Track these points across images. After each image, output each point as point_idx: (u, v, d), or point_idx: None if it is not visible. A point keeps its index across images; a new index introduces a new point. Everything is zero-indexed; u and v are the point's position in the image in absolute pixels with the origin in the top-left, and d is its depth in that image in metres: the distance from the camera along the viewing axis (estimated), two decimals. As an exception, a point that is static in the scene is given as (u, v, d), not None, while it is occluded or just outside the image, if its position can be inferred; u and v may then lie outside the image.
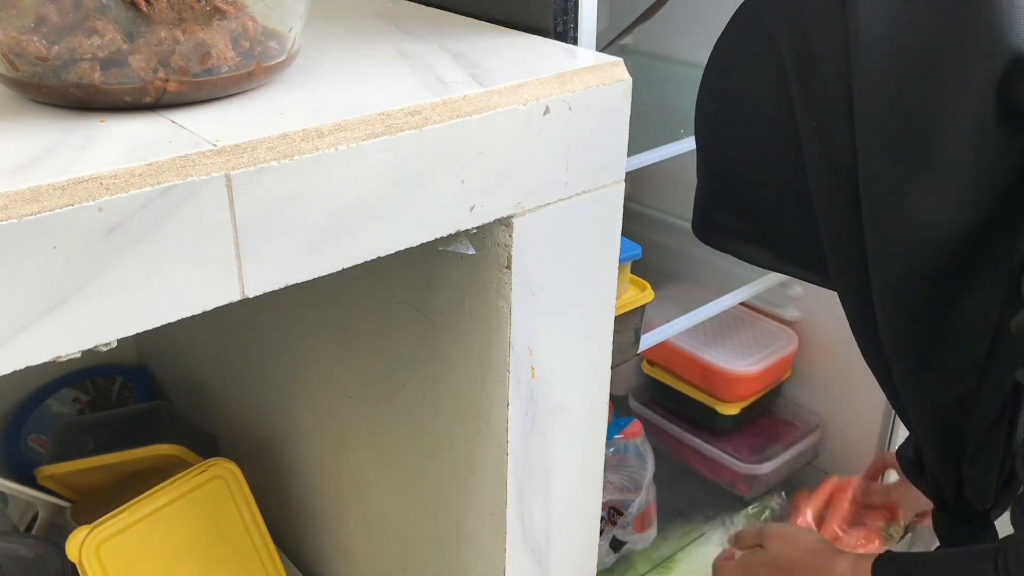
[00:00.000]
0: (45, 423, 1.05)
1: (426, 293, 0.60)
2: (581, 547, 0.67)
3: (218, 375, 0.97)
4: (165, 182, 0.38)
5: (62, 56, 0.41)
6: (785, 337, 1.21)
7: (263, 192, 0.41)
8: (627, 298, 0.93)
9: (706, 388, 1.20)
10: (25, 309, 0.36)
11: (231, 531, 0.81)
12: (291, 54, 0.48)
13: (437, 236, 0.48)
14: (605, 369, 0.61)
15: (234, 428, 0.97)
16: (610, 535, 1.06)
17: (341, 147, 0.42)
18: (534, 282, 0.54)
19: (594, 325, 0.59)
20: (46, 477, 0.90)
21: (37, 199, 0.35)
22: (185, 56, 0.42)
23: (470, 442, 0.60)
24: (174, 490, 0.78)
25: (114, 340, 0.39)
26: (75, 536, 0.72)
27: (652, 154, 0.91)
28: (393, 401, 0.67)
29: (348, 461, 0.77)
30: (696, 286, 1.16)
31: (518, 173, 0.50)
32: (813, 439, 1.24)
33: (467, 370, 0.58)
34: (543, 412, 0.58)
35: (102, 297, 0.38)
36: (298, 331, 0.77)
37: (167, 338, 1.04)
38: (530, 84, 0.49)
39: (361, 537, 0.81)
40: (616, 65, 0.53)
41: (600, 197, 0.55)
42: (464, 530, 0.65)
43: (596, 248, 0.56)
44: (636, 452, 1.06)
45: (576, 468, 0.63)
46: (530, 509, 0.61)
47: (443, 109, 0.46)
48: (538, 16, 0.57)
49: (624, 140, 0.54)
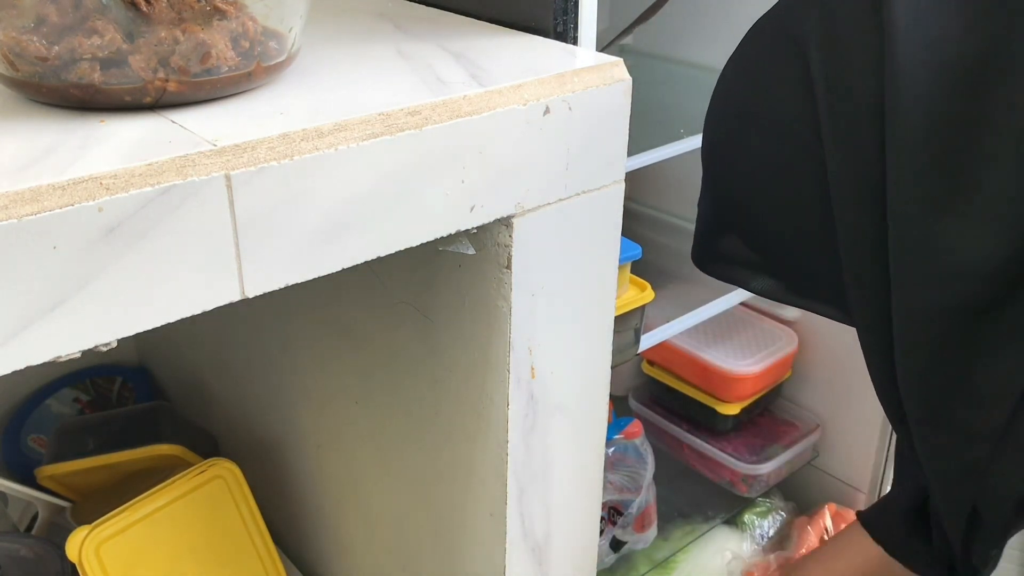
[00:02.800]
0: (45, 423, 1.05)
1: (426, 293, 0.60)
2: (581, 547, 0.67)
3: (218, 375, 0.97)
4: (165, 182, 0.38)
5: (62, 56, 0.41)
6: (785, 337, 1.21)
7: (263, 192, 0.41)
8: (627, 298, 0.93)
9: (706, 388, 1.20)
10: (25, 309, 0.36)
11: (231, 531, 0.81)
12: (291, 54, 0.48)
13: (437, 236, 0.48)
14: (605, 369, 0.61)
15: (234, 428, 0.97)
16: (610, 535, 1.06)
17: (341, 147, 0.42)
18: (534, 282, 0.54)
19: (594, 325, 0.59)
20: (46, 477, 0.90)
21: (37, 199, 0.35)
22: (185, 56, 0.42)
23: (470, 442, 0.60)
24: (174, 490, 0.78)
25: (114, 340, 0.39)
26: (75, 536, 0.72)
27: (652, 154, 0.91)
28: (393, 401, 0.67)
29: (348, 461, 0.77)
30: (696, 286, 1.16)
31: (518, 173, 0.50)
32: (813, 439, 1.24)
33: (467, 370, 0.58)
34: (543, 412, 0.58)
35: (102, 297, 0.38)
36: (298, 331, 0.77)
37: (167, 338, 1.04)
38: (530, 84, 0.49)
39: (361, 537, 0.81)
40: (616, 65, 0.53)
41: (600, 197, 0.55)
42: (464, 530, 0.65)
43: (596, 248, 0.56)
44: (636, 452, 1.06)
45: (576, 468, 0.63)
46: (530, 509, 0.61)
47: (443, 109, 0.46)
48: (538, 16, 0.57)
49: (624, 140, 0.54)
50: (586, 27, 0.57)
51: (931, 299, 0.57)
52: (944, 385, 0.60)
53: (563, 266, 0.55)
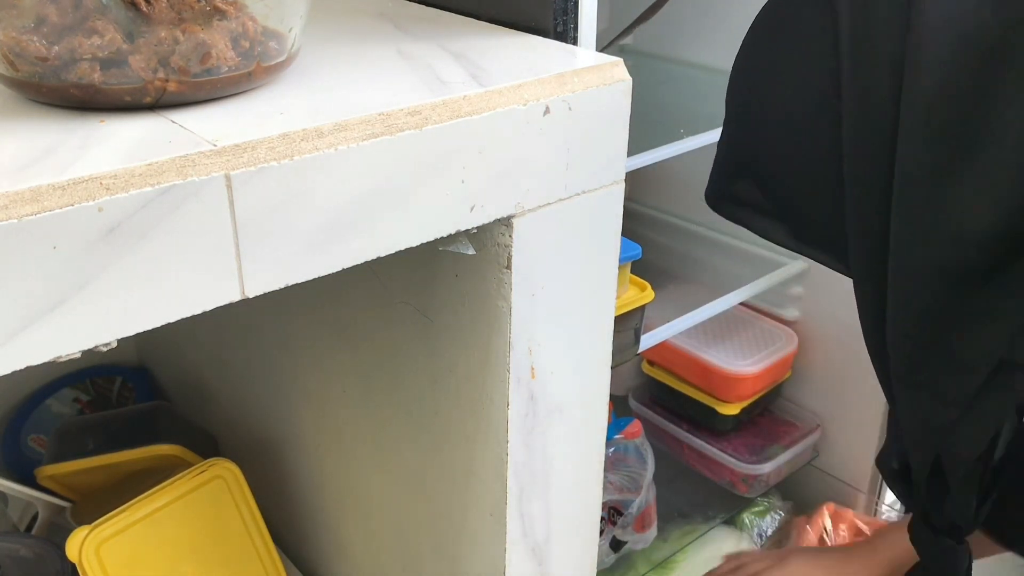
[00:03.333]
0: (45, 423, 1.05)
1: (426, 293, 0.60)
2: (581, 547, 0.67)
3: (218, 375, 0.97)
4: (165, 182, 0.38)
5: (62, 56, 0.41)
6: (785, 337, 1.21)
7: (263, 192, 0.41)
8: (627, 298, 0.93)
9: (706, 388, 1.20)
10: (25, 309, 0.36)
11: (231, 531, 0.81)
12: (291, 54, 0.48)
13: (437, 236, 0.48)
14: (605, 369, 0.61)
15: (234, 428, 0.97)
16: (610, 535, 1.06)
17: (341, 147, 0.42)
18: (534, 282, 0.54)
19: (594, 325, 0.59)
20: (46, 477, 0.90)
21: (37, 199, 0.35)
22: (185, 56, 0.42)
23: (470, 442, 0.60)
24: (174, 490, 0.78)
25: (114, 340, 0.39)
26: (75, 536, 0.72)
27: (652, 154, 0.91)
28: (393, 401, 0.67)
29: (348, 461, 0.77)
30: (696, 286, 1.16)
31: (518, 173, 0.50)
32: (813, 439, 1.24)
33: (467, 370, 0.58)
34: (543, 412, 0.58)
35: (102, 297, 0.38)
36: (298, 331, 0.77)
37: (167, 338, 1.04)
38: (530, 84, 0.49)
39: (360, 537, 0.81)
40: (616, 65, 0.53)
41: (600, 197, 0.55)
42: (464, 530, 0.65)
43: (596, 248, 0.56)
44: (636, 452, 1.07)
45: (576, 468, 0.63)
46: (530, 509, 0.61)
47: (443, 109, 0.46)
48: (538, 16, 0.57)
49: (624, 140, 0.54)
50: (586, 27, 0.57)
51: (927, 260, 0.59)
52: (928, 347, 0.63)
53: (563, 266, 0.55)
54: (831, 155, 0.63)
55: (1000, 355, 0.61)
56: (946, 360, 0.63)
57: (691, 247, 1.25)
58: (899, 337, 0.64)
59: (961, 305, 0.60)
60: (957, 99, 0.55)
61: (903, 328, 0.64)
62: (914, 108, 0.56)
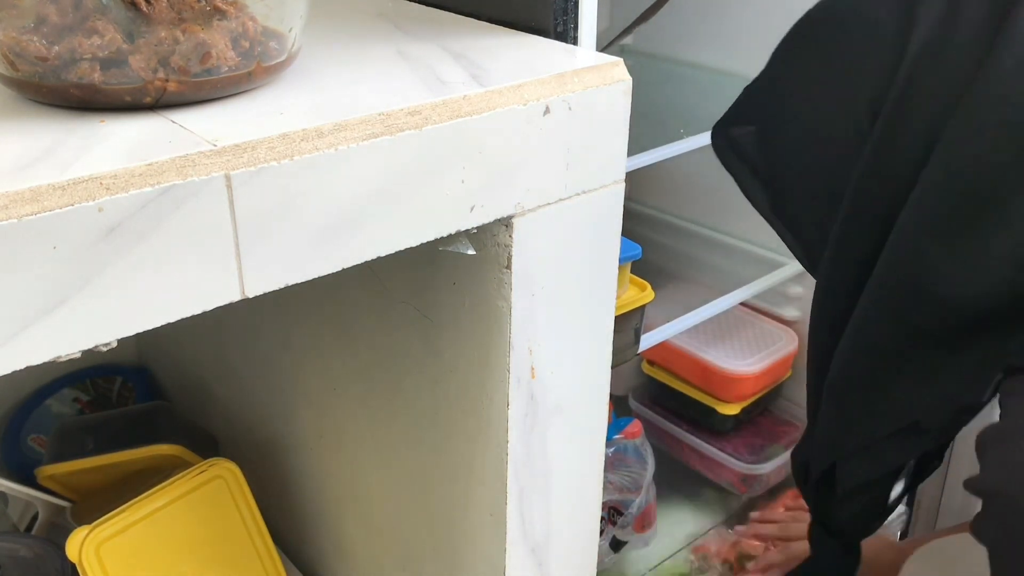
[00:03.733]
0: (45, 423, 1.05)
1: (426, 293, 0.60)
2: (581, 547, 0.67)
3: (218, 375, 0.97)
4: (165, 182, 0.38)
5: (62, 56, 0.41)
6: (785, 337, 1.21)
7: (263, 192, 0.41)
8: (627, 298, 0.93)
9: (706, 388, 1.20)
10: (25, 309, 0.36)
11: (231, 531, 0.81)
12: (291, 54, 0.48)
13: (437, 236, 0.48)
14: (605, 369, 0.61)
15: (234, 428, 0.97)
16: (610, 535, 1.06)
17: (341, 147, 0.42)
18: (534, 282, 0.54)
19: (594, 325, 0.59)
20: (46, 477, 0.90)
21: (37, 199, 0.35)
22: (185, 56, 0.42)
23: (470, 442, 0.60)
24: (174, 490, 0.78)
25: (114, 340, 0.39)
26: (75, 536, 0.72)
27: (652, 154, 0.91)
28: (393, 401, 0.67)
29: (348, 461, 0.77)
30: (696, 286, 1.16)
31: (518, 173, 0.50)
32: (813, 439, 1.23)
33: (467, 370, 0.58)
34: (543, 412, 0.58)
35: (102, 297, 0.38)
36: (298, 331, 0.77)
37: (167, 338, 1.04)
38: (530, 84, 0.49)
39: (360, 537, 0.81)
40: (616, 65, 0.53)
41: (600, 197, 0.55)
42: (464, 530, 0.65)
43: (596, 248, 0.56)
44: (636, 452, 1.06)
45: (576, 468, 0.63)
46: (530, 509, 0.61)
47: (443, 109, 0.46)
48: (538, 16, 0.57)
49: (624, 140, 0.54)
50: (586, 27, 0.57)
51: (899, 305, 0.60)
52: (867, 380, 0.65)
53: (563, 266, 0.55)
54: (845, 163, 0.62)
55: (915, 416, 0.64)
56: (875, 398, 0.65)
57: (691, 247, 1.25)
58: (847, 358, 0.65)
59: (913, 356, 0.62)
60: (992, 169, 0.54)
61: (853, 354, 0.65)
62: (946, 164, 0.55)
